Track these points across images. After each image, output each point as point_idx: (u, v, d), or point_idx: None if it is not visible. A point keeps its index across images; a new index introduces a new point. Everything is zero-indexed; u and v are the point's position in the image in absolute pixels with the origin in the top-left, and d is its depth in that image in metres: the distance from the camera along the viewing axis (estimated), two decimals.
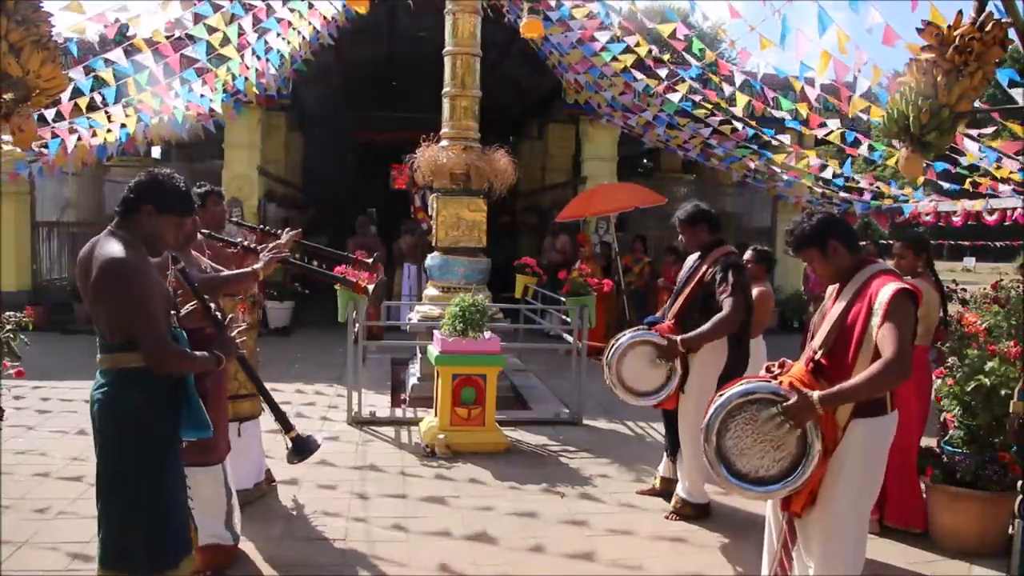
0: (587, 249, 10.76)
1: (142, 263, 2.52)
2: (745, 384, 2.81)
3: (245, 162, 11.24)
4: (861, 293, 2.80)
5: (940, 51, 2.90)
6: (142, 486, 2.54)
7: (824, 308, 2.98)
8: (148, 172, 2.67)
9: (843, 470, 2.74)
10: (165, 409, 2.58)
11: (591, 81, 9.03)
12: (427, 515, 4.36)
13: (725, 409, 2.72)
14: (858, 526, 2.86)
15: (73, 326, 10.27)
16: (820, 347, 2.84)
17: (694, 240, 4.39)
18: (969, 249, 27.32)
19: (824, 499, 2.78)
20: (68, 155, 7.23)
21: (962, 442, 4.10)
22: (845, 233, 2.92)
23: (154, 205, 2.59)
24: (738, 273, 4.15)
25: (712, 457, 2.73)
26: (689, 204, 4.47)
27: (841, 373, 2.75)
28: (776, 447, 2.70)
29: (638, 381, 4.20)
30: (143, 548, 2.53)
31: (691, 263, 4.47)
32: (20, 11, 2.87)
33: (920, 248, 4.45)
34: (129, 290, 2.44)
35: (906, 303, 2.70)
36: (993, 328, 4.35)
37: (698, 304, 4.25)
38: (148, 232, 2.60)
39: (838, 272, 2.90)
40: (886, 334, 2.64)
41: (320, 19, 7.98)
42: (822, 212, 2.98)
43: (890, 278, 2.79)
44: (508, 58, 12.49)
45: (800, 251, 2.95)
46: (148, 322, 2.44)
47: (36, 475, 4.75)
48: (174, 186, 2.64)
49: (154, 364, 2.46)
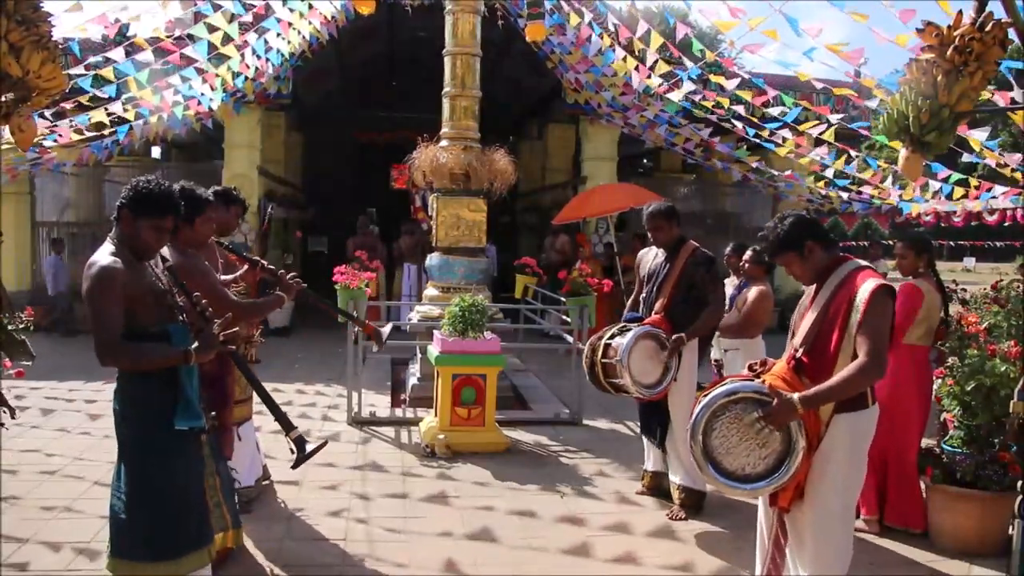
0: (587, 249, 10.76)
1: (116, 266, 2.62)
2: (729, 384, 2.82)
3: (245, 162, 11.23)
4: (840, 290, 2.84)
5: (940, 51, 2.89)
6: (146, 477, 2.67)
7: (803, 307, 3.02)
8: (134, 179, 2.76)
9: (828, 465, 2.80)
10: (167, 404, 2.67)
11: (591, 80, 9.02)
12: (427, 515, 4.36)
13: (710, 409, 2.74)
14: (845, 518, 2.91)
15: (73, 326, 10.27)
16: (801, 345, 2.88)
17: (668, 235, 4.50)
18: (969, 249, 27.33)
19: (811, 494, 2.84)
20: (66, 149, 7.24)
21: (962, 442, 4.10)
22: (820, 233, 2.95)
23: (128, 209, 2.71)
24: (714, 264, 4.47)
25: (699, 456, 2.74)
26: (658, 201, 4.67)
27: (823, 370, 2.80)
28: (761, 445, 2.74)
29: (643, 374, 4.24)
30: (146, 538, 2.65)
31: (657, 258, 4.58)
32: (20, 11, 2.86)
33: (922, 248, 4.44)
34: (91, 290, 2.59)
35: (885, 300, 2.75)
36: (993, 328, 4.35)
37: (683, 296, 4.41)
38: (128, 235, 2.72)
39: (816, 272, 2.94)
40: (864, 333, 2.70)
41: (320, 18, 7.98)
42: (794, 215, 2.99)
43: (869, 274, 2.83)
44: (508, 58, 12.49)
45: (777, 256, 2.98)
46: (97, 319, 2.57)
47: (38, 474, 4.75)
48: (148, 190, 2.71)
49: (98, 358, 2.57)
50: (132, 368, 2.68)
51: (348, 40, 10.29)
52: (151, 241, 2.73)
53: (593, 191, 10.37)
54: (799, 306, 3.07)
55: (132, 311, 2.63)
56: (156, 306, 2.73)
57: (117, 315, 2.59)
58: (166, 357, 2.65)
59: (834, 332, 2.79)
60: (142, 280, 2.70)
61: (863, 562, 3.92)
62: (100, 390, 6.91)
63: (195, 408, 2.71)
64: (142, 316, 2.67)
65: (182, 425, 2.68)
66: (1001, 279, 5.21)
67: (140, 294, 2.66)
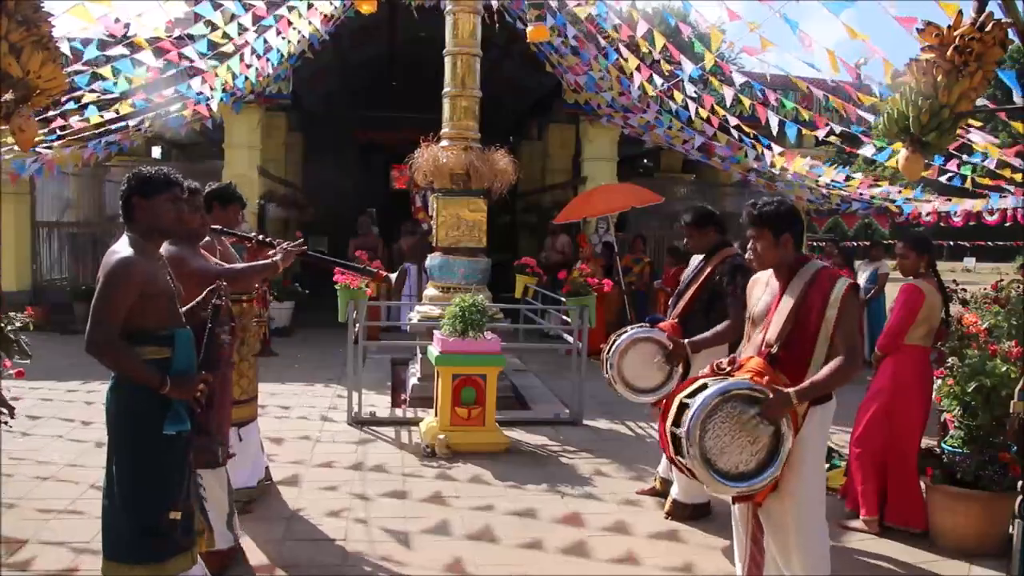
0: (587, 249, 10.77)
1: (139, 261, 2.63)
2: (720, 383, 2.82)
3: (245, 162, 11.23)
4: (811, 287, 2.96)
5: (940, 51, 2.90)
6: (135, 481, 2.68)
7: (759, 300, 3.13)
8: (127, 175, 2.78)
9: (806, 454, 2.92)
10: (157, 408, 2.66)
11: (596, 71, 9.01)
12: (427, 515, 4.36)
13: (705, 410, 2.74)
14: (821, 504, 3.04)
15: (73, 326, 10.26)
16: (776, 340, 2.96)
17: (702, 242, 4.40)
18: (969, 249, 27.35)
19: (788, 484, 2.91)
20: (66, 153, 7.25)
21: (962, 442, 4.10)
22: (799, 232, 3.09)
23: (140, 195, 2.72)
24: (745, 275, 4.14)
25: (698, 460, 2.74)
26: (696, 206, 4.51)
27: (799, 364, 2.92)
28: (752, 441, 2.78)
29: (639, 378, 4.17)
30: (136, 540, 2.66)
31: (696, 264, 4.48)
32: (20, 11, 2.86)
33: (923, 249, 4.42)
34: (109, 278, 2.59)
35: (857, 297, 3.01)
36: (993, 328, 4.35)
37: (703, 305, 4.27)
38: (147, 221, 2.73)
39: (778, 262, 3.05)
40: (843, 329, 2.89)
41: (320, 17, 7.99)
42: (792, 204, 3.12)
43: (836, 273, 3.03)
44: (508, 58, 12.49)
45: (756, 227, 3.06)
46: (102, 308, 2.57)
47: (37, 477, 4.75)
48: (148, 171, 2.77)
49: (87, 345, 2.57)
50: (111, 368, 2.67)
51: (349, 40, 10.31)
52: (171, 217, 2.77)
53: (593, 191, 10.37)
54: (752, 297, 3.20)
55: (143, 310, 2.63)
56: (168, 308, 2.74)
57: (123, 310, 2.59)
58: (145, 376, 2.63)
59: (809, 328, 2.92)
60: (159, 280, 2.70)
61: (863, 562, 3.93)
62: (96, 390, 6.91)
63: (182, 413, 2.70)
64: (152, 316, 2.67)
65: (170, 430, 2.67)
66: (1001, 279, 5.22)
67: (155, 293, 2.67)
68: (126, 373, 2.66)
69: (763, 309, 3.09)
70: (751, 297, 3.24)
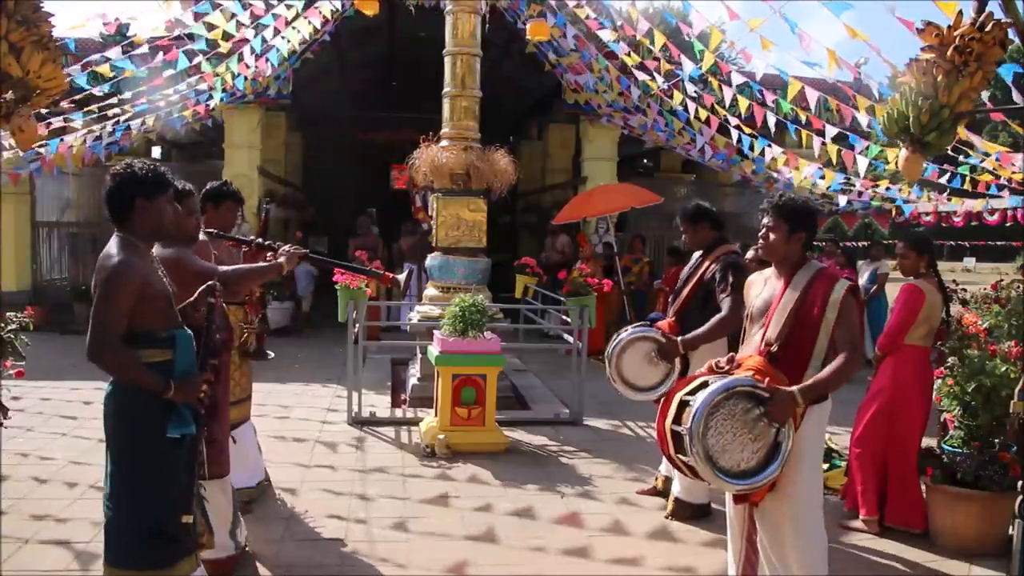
0: (587, 249, 10.77)
1: (137, 263, 2.58)
2: (723, 380, 2.82)
3: (245, 162, 11.23)
4: (812, 288, 2.99)
5: (940, 51, 2.90)
6: (138, 486, 2.62)
7: (759, 297, 3.14)
8: (116, 172, 2.66)
9: (803, 453, 2.93)
10: (159, 411, 2.61)
11: (596, 69, 9.01)
12: (427, 515, 4.36)
13: (708, 407, 2.74)
14: (819, 503, 3.06)
15: (73, 326, 10.26)
16: (776, 339, 2.98)
17: (696, 238, 4.42)
18: (969, 249, 27.31)
19: (785, 483, 2.91)
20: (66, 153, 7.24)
21: (962, 442, 4.10)
22: (812, 235, 3.15)
23: (143, 196, 2.64)
24: (738, 273, 4.14)
25: (702, 458, 2.74)
26: (692, 202, 4.53)
27: (798, 362, 2.95)
28: (754, 439, 2.79)
29: (638, 377, 4.18)
30: (140, 546, 2.60)
31: (694, 261, 4.49)
32: (20, 11, 2.86)
33: (923, 249, 4.42)
34: (107, 282, 2.54)
35: (856, 298, 3.02)
36: (993, 328, 4.35)
37: (699, 303, 4.28)
38: (148, 223, 2.67)
39: (784, 258, 3.09)
40: (845, 329, 2.92)
41: (320, 17, 7.98)
42: (814, 206, 3.20)
43: (836, 274, 3.08)
44: (508, 58, 12.49)
45: (774, 216, 3.08)
46: (102, 313, 2.53)
47: (35, 477, 4.75)
48: (148, 170, 2.69)
49: (88, 352, 2.53)
50: (114, 375, 2.63)
51: (348, 40, 10.30)
52: (169, 219, 2.75)
53: (593, 191, 10.37)
54: (750, 296, 3.21)
55: (142, 312, 2.58)
56: (167, 310, 2.69)
57: (124, 315, 2.54)
58: (149, 381, 2.59)
59: (809, 327, 2.95)
60: (156, 281, 2.66)
61: (863, 562, 3.93)
62: (99, 388, 6.90)
63: (186, 416, 2.65)
64: (151, 319, 2.62)
65: (175, 433, 2.63)
66: (1001, 279, 5.21)
67: (153, 295, 2.62)
68: (130, 379, 2.60)
69: (762, 306, 3.10)
70: (749, 296, 3.24)
